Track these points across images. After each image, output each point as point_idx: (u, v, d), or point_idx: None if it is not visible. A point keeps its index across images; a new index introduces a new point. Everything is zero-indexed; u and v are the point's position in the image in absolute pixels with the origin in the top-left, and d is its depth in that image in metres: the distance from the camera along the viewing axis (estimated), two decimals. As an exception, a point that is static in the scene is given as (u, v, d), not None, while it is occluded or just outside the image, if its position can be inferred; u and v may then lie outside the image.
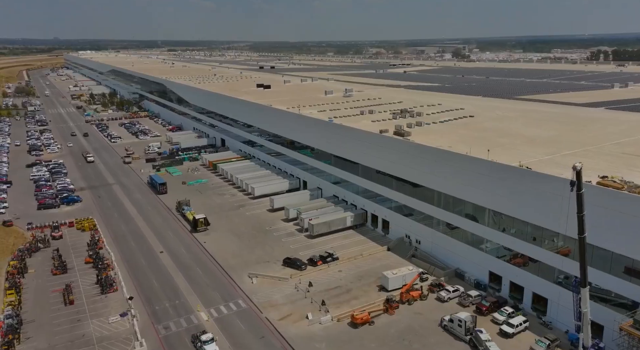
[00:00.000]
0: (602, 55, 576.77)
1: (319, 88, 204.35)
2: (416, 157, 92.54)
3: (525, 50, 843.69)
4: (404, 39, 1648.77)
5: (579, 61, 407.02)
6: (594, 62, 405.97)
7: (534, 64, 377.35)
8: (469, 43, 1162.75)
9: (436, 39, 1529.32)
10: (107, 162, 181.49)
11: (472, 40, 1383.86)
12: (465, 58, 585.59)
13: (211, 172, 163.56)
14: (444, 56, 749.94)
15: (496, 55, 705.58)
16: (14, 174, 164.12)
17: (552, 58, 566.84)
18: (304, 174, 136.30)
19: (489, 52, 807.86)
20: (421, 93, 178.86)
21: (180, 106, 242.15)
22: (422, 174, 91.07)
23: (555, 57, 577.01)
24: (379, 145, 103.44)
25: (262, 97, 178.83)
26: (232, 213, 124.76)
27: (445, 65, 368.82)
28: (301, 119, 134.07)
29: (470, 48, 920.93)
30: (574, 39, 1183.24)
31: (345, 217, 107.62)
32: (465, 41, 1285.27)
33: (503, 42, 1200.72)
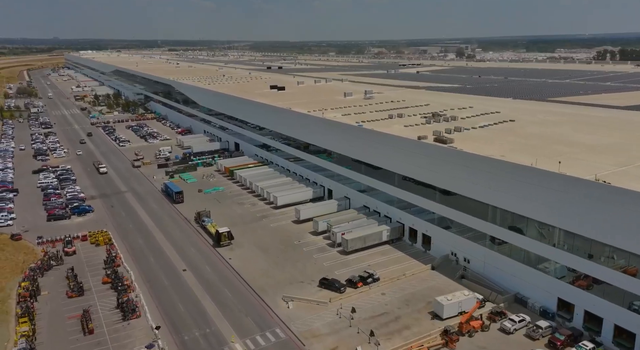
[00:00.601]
0: (608, 55, 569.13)
1: (335, 89, 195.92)
2: (464, 166, 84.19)
3: (528, 50, 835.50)
4: (404, 39, 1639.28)
5: (593, 61, 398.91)
6: (609, 62, 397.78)
7: (547, 63, 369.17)
8: (469, 43, 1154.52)
9: (436, 39, 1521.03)
10: (118, 167, 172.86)
11: (472, 39, 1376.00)
12: (472, 58, 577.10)
13: (227, 178, 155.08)
14: (447, 56, 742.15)
15: (500, 55, 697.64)
16: (20, 181, 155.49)
17: (558, 58, 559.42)
18: (328, 182, 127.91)
19: (492, 52, 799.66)
20: (445, 95, 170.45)
21: (189, 108, 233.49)
22: (472, 186, 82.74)
23: (561, 57, 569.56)
24: (418, 152, 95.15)
25: (278, 99, 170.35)
26: (255, 225, 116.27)
27: (456, 65, 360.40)
28: (326, 124, 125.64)
29: (472, 48, 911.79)
30: (574, 38, 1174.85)
31: (381, 231, 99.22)
32: (466, 41, 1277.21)
33: (504, 42, 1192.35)
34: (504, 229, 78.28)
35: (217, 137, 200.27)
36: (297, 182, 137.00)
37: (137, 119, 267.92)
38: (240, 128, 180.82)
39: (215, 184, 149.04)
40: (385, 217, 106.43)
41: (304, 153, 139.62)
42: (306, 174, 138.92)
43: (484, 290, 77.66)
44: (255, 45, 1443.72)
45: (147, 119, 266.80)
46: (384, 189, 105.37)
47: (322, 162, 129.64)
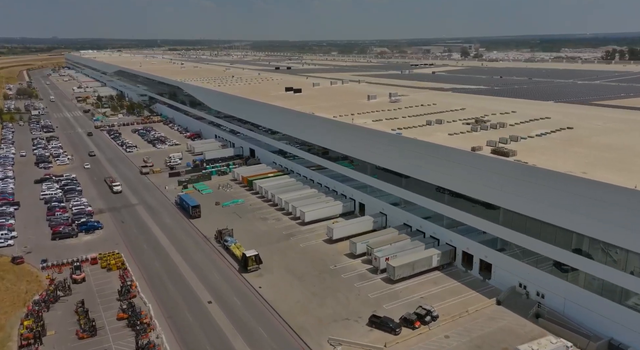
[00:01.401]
0: (617, 55, 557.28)
1: (356, 92, 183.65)
2: (532, 184, 72.21)
3: (532, 50, 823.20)
4: (404, 39, 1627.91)
5: (603, 61, 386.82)
6: (620, 61, 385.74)
7: (564, 63, 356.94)
8: (470, 42, 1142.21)
9: (437, 39, 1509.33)
10: (126, 176, 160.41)
11: (473, 39, 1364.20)
12: (479, 57, 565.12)
13: (246, 189, 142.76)
14: (451, 55, 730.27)
15: (506, 55, 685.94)
16: (21, 192, 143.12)
17: (565, 57, 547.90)
18: (360, 195, 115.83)
19: (496, 51, 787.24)
20: (477, 97, 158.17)
21: (198, 110, 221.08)
22: (546, 208, 70.69)
23: (567, 57, 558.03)
24: (473, 166, 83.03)
25: (296, 102, 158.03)
26: (283, 245, 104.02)
27: (470, 65, 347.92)
28: (359, 131, 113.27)
29: (475, 47, 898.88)
30: (576, 38, 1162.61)
31: (431, 256, 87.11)
32: (467, 40, 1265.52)
33: (505, 41, 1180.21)
34: (593, 261, 66.20)
35: (230, 143, 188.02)
36: (323, 195, 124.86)
37: (143, 121, 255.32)
38: (255, 133, 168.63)
39: (233, 196, 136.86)
40: (431, 238, 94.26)
41: (328, 161, 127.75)
42: (333, 185, 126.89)
43: (570, 335, 65.51)
44: (255, 44, 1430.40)
45: (153, 122, 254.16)
46: (430, 206, 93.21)
47: (351, 173, 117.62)
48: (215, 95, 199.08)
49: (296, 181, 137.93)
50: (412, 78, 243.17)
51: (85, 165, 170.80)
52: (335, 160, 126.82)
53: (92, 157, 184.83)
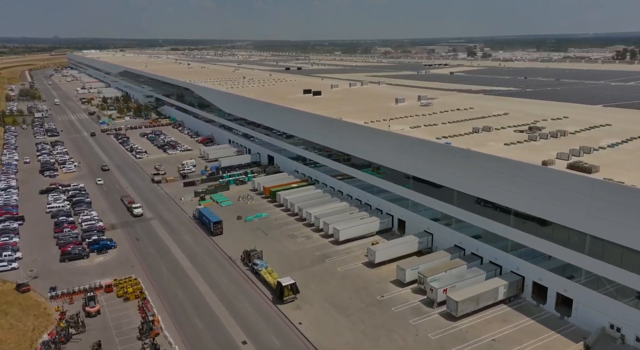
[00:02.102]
0: (628, 54, 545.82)
1: (379, 94, 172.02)
2: (635, 209, 60.80)
3: (538, 49, 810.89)
4: (406, 38, 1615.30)
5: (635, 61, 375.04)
6: (633, 61, 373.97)
7: (583, 64, 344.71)
8: (472, 41, 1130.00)
9: (438, 38, 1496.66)
10: (138, 185, 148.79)
11: (475, 39, 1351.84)
12: (488, 57, 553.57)
13: (267, 200, 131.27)
14: (457, 55, 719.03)
15: (513, 54, 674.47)
16: (25, 205, 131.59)
17: (573, 57, 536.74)
18: (399, 210, 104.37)
19: (502, 51, 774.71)
20: (517, 101, 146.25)
21: (210, 113, 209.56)
22: None
23: (576, 56, 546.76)
24: (546, 184, 71.54)
25: (319, 106, 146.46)
26: (318, 269, 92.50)
27: (487, 65, 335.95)
28: (397, 140, 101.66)
29: (480, 47, 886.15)
30: (578, 38, 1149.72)
31: (497, 288, 75.50)
32: (469, 40, 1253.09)
33: (508, 41, 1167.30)
34: None
35: (246, 148, 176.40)
36: (356, 209, 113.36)
37: (151, 125, 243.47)
38: (273, 138, 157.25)
39: (255, 209, 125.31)
40: (491, 264, 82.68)
41: (358, 171, 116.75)
42: (365, 197, 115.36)
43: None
44: (256, 44, 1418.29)
45: (162, 125, 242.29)
46: (491, 227, 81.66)
47: (388, 185, 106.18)
48: (229, 97, 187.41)
49: (323, 193, 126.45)
50: (430, 79, 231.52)
51: (97, 181, 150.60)
52: (360, 167, 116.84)
53: (106, 172, 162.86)
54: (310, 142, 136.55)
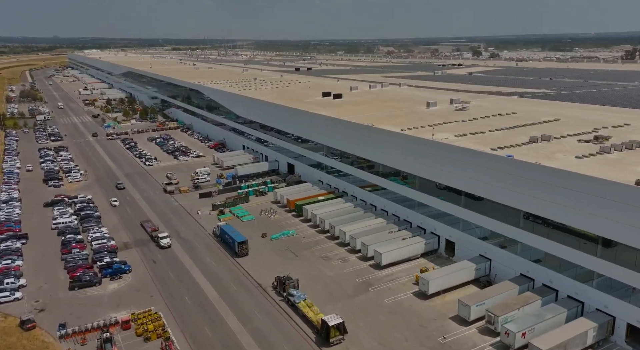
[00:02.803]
0: (638, 54, 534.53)
1: (405, 97, 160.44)
2: None
3: (543, 49, 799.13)
4: (407, 38, 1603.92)
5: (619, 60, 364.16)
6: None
7: (602, 64, 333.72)
8: (474, 41, 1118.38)
9: (440, 38, 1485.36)
10: (150, 197, 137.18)
11: (477, 38, 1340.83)
12: (496, 56, 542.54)
13: (292, 214, 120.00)
14: (462, 55, 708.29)
15: (519, 54, 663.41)
16: (29, 219, 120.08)
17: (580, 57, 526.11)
18: (446, 229, 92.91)
19: (507, 51, 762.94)
20: (561, 105, 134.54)
21: (221, 116, 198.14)
22: None
23: (583, 56, 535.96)
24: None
25: (343, 110, 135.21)
26: (362, 300, 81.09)
27: (503, 65, 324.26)
28: (447, 152, 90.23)
29: (484, 46, 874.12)
30: (580, 37, 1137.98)
31: (586, 332, 63.96)
32: (470, 39, 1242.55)
33: (511, 40, 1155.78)
34: None
35: (262, 155, 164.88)
36: (395, 226, 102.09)
37: (158, 128, 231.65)
38: (290, 143, 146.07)
39: (279, 224, 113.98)
40: (570, 299, 71.19)
41: (386, 180, 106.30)
42: (404, 213, 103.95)
43: None
44: (257, 44, 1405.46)
45: (169, 129, 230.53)
46: (569, 255, 70.32)
47: (434, 202, 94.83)
48: (244, 100, 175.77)
49: (354, 207, 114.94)
50: (449, 80, 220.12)
51: (112, 201, 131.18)
52: (386, 176, 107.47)
53: (121, 190, 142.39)
54: (332, 149, 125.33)
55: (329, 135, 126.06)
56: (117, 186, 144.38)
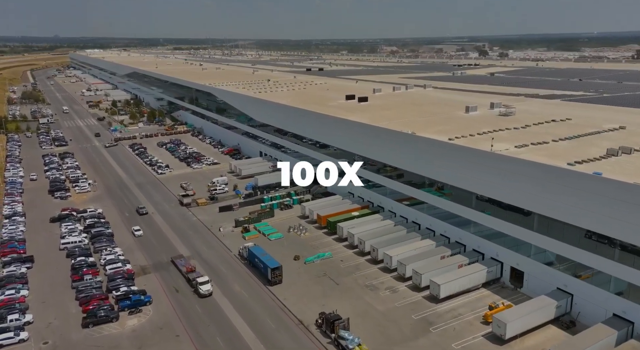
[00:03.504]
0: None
1: (436, 101, 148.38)
2: None
3: (549, 49, 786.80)
4: (408, 37, 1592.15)
5: None
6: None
7: (624, 64, 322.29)
8: (475, 41, 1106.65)
9: (441, 37, 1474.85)
10: (165, 211, 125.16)
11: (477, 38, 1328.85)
12: (505, 56, 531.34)
13: (322, 231, 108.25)
14: (468, 54, 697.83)
15: (525, 53, 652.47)
16: (34, 238, 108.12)
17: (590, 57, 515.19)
18: (512, 256, 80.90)
19: (512, 51, 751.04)
20: (614, 110, 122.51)
21: (232, 120, 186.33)
22: None
23: (592, 56, 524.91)
24: None
25: (373, 115, 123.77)
26: (425, 344, 69.27)
27: (523, 65, 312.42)
28: (513, 166, 78.35)
29: (488, 46, 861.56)
30: (582, 37, 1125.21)
31: None
32: (472, 39, 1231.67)
33: (513, 40, 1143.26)
34: None
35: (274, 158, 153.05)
36: (446, 250, 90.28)
37: (167, 132, 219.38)
38: (311, 150, 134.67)
39: (311, 244, 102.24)
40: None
41: (439, 198, 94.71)
42: (456, 234, 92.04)
43: None
44: (258, 43, 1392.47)
45: (179, 133, 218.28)
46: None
47: (483, 218, 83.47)
48: (262, 105, 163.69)
49: (394, 225, 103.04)
50: (471, 81, 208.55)
51: (135, 230, 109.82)
52: (419, 186, 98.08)
53: (144, 216, 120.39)
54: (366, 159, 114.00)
55: (364, 143, 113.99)
56: (139, 211, 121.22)
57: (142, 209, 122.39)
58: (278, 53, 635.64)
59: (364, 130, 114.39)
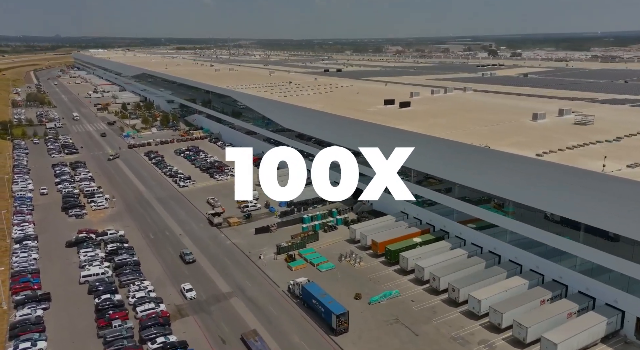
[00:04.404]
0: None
1: (489, 106, 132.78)
2: None
3: (557, 48, 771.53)
4: (410, 37, 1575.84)
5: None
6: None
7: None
8: (477, 40, 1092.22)
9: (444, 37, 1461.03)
10: (194, 232, 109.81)
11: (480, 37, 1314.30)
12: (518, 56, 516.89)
13: (380, 261, 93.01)
14: (477, 54, 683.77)
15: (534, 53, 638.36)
16: (49, 268, 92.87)
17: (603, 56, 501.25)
18: (634, 302, 65.67)
19: (521, 50, 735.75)
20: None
21: (257, 125, 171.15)
22: None
23: (604, 56, 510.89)
24: None
25: (423, 124, 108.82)
26: None
27: (553, 65, 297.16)
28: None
29: (497, 46, 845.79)
30: (585, 37, 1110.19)
31: None
32: (474, 39, 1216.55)
33: (517, 39, 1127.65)
34: None
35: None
36: (546, 290, 75.04)
37: (183, 138, 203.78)
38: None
39: (369, 276, 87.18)
40: None
41: (520, 224, 79.80)
42: (556, 271, 76.69)
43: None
44: (259, 43, 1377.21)
45: (196, 139, 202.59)
46: None
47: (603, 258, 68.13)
48: (292, 111, 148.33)
49: (468, 256, 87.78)
50: (505, 82, 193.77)
51: (185, 290, 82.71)
52: (476, 203, 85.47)
53: (191, 264, 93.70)
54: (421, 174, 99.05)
55: (425, 157, 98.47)
56: (184, 258, 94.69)
57: (189, 255, 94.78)
58: (286, 53, 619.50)
59: (422, 141, 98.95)
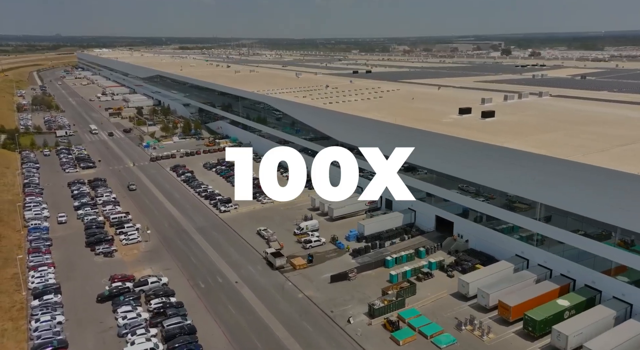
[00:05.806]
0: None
1: (590, 117, 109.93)
2: None
3: (569, 48, 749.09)
4: (413, 36, 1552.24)
5: None
6: None
7: None
8: (481, 39, 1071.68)
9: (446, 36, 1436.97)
10: (252, 279, 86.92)
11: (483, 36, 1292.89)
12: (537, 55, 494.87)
13: (514, 331, 70.42)
14: (490, 53, 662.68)
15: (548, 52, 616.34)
16: (80, 339, 70.20)
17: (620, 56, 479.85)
18: None
19: (530, 49, 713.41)
20: None
21: (298, 137, 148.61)
22: None
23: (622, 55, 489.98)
24: None
25: (527, 140, 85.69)
26: None
27: (599, 66, 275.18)
28: None
29: (507, 45, 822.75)
30: (590, 36, 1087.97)
31: None
32: (478, 38, 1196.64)
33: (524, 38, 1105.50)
34: None
35: (381, 199, 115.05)
36: None
37: (209, 148, 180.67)
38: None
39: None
40: None
41: None
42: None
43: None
44: (261, 42, 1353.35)
45: (221, 151, 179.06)
46: None
47: None
48: (348, 122, 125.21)
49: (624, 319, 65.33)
50: (565, 85, 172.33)
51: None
52: None
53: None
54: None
55: (568, 189, 75.91)
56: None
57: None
58: (297, 53, 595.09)
59: (547, 166, 76.48)
